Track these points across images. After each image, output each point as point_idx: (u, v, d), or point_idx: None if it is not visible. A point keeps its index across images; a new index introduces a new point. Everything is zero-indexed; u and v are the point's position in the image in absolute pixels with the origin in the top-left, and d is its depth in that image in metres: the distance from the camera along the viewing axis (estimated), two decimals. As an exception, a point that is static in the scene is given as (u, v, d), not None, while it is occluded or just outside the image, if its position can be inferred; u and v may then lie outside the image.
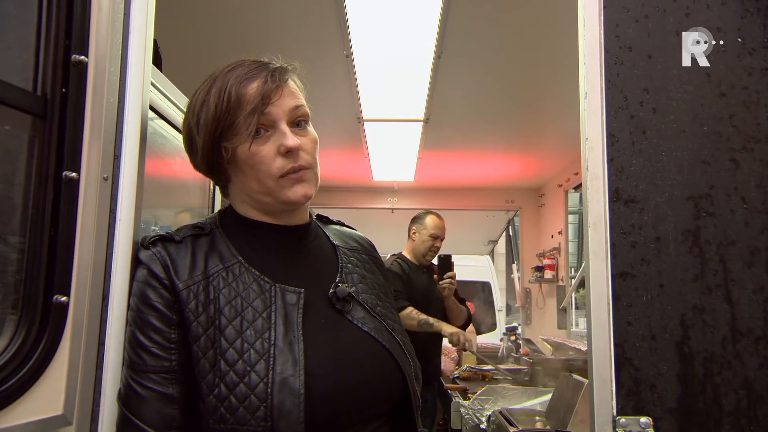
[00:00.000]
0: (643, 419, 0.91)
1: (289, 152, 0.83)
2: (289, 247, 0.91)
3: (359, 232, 1.09)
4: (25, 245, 0.73)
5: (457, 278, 2.88)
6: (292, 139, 0.83)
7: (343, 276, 0.92)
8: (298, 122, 0.87)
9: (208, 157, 0.85)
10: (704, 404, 0.92)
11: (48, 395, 0.73)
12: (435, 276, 2.87)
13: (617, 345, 0.93)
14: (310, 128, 0.89)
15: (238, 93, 0.82)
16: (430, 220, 2.93)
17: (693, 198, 0.97)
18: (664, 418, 0.91)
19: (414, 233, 2.96)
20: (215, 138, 0.83)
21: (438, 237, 2.91)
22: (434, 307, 2.85)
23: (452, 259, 2.84)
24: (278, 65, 0.88)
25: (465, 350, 2.83)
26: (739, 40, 0.99)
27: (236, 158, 0.84)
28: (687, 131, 0.98)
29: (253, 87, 0.83)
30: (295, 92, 0.88)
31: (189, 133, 0.88)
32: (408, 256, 2.94)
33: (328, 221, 1.05)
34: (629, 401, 0.92)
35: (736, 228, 0.96)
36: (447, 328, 2.71)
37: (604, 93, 0.98)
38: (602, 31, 1.00)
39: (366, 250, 1.03)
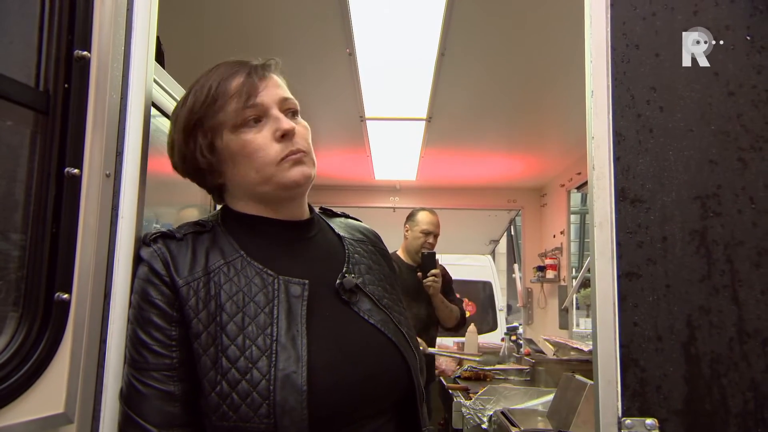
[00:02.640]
0: (649, 421, 0.90)
1: (284, 136, 0.84)
2: (292, 240, 0.90)
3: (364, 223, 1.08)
4: (26, 242, 0.72)
5: (459, 278, 2.86)
6: (286, 122, 0.84)
7: (351, 266, 0.91)
8: (291, 113, 0.88)
9: (184, 154, 0.87)
10: (711, 406, 0.91)
11: (49, 393, 0.72)
12: (419, 274, 2.76)
13: (623, 346, 0.92)
14: (300, 119, 0.90)
15: (219, 89, 0.84)
16: (421, 216, 2.86)
17: (700, 198, 0.96)
18: (670, 419, 0.91)
19: (407, 231, 2.90)
20: (189, 128, 0.85)
21: (430, 233, 2.82)
22: (425, 309, 2.77)
23: (436, 257, 2.76)
24: (258, 62, 0.89)
25: None
26: (748, 38, 0.98)
27: (228, 151, 0.84)
28: (694, 130, 0.97)
29: (238, 81, 0.84)
30: (281, 85, 0.89)
31: (170, 137, 0.89)
32: (401, 255, 2.88)
33: (332, 214, 1.05)
34: (635, 402, 0.91)
35: (744, 228, 0.95)
36: None
37: (611, 91, 0.97)
38: (609, 29, 0.99)
39: (372, 241, 1.02)
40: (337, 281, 0.86)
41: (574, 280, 4.18)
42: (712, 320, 0.93)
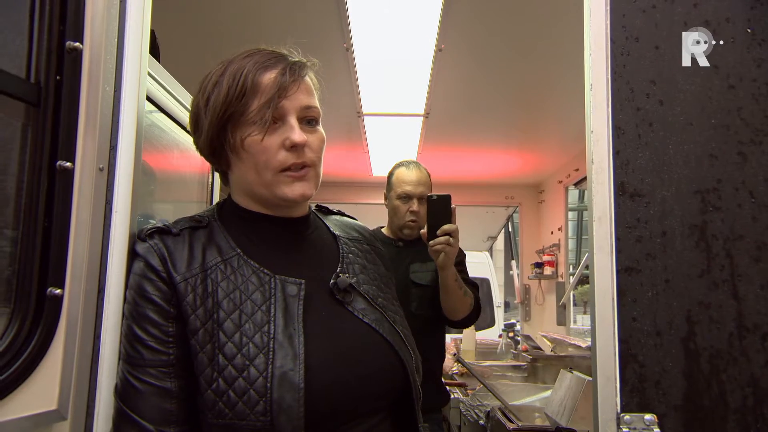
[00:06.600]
0: (648, 416, 0.90)
1: (294, 147, 0.82)
2: (288, 239, 0.89)
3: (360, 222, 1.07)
4: (18, 236, 0.71)
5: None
6: (299, 134, 0.82)
7: (345, 266, 0.90)
8: (308, 120, 0.86)
9: (212, 139, 0.84)
10: (710, 401, 0.90)
11: (42, 390, 0.71)
12: (423, 232, 1.67)
13: (622, 341, 0.92)
14: (320, 128, 0.88)
15: (254, 80, 0.81)
16: (396, 176, 1.93)
17: (700, 192, 0.95)
18: (669, 415, 0.90)
19: (386, 202, 2.01)
20: (223, 120, 0.82)
21: (410, 197, 1.89)
22: (406, 295, 1.82)
23: (452, 204, 1.64)
24: (297, 59, 0.86)
25: None
26: (749, 31, 0.97)
27: (240, 145, 0.82)
28: (694, 124, 0.96)
29: (270, 77, 0.82)
30: (310, 90, 0.87)
31: (196, 112, 0.86)
32: (386, 232, 2.05)
33: (328, 212, 1.04)
34: (633, 398, 0.91)
35: (744, 222, 0.94)
36: None
37: (610, 85, 0.97)
38: (608, 22, 0.98)
39: (367, 240, 1.02)
40: (331, 281, 0.86)
41: (571, 277, 4.19)
42: (711, 315, 0.92)
